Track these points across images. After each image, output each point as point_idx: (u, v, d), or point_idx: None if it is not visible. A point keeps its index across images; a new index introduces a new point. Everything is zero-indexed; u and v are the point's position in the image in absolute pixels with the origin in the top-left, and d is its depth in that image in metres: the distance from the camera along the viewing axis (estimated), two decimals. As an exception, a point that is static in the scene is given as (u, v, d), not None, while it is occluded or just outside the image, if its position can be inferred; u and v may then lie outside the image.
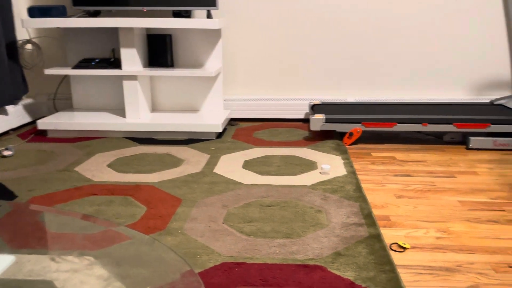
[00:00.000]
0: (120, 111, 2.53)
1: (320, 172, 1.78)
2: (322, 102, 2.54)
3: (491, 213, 1.44)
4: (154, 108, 2.55)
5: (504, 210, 1.46)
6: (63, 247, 0.71)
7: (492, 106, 2.35)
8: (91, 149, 2.10)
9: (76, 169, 1.83)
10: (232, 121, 2.54)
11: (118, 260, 0.65)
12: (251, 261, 1.15)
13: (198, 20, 2.18)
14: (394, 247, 1.23)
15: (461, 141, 2.21)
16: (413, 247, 1.23)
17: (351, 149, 2.13)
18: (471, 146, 2.10)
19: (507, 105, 2.34)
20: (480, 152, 2.07)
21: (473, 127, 2.10)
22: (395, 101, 2.58)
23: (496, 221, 1.38)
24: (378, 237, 1.26)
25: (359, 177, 1.76)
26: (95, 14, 2.38)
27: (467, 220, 1.39)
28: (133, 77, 2.30)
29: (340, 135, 2.31)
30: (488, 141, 2.09)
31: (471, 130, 2.10)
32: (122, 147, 2.12)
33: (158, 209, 1.44)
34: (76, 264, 0.62)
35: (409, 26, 2.51)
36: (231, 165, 1.87)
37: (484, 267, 1.14)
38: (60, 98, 2.69)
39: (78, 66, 2.34)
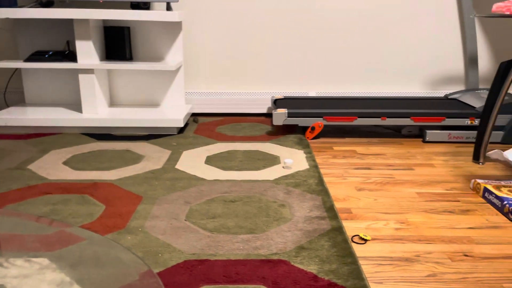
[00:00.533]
0: (76, 106, 2.45)
1: (283, 167, 1.79)
2: (285, 96, 2.54)
3: (447, 203, 1.49)
4: (112, 103, 2.48)
5: (459, 201, 1.51)
6: (13, 251, 0.66)
7: (447, 100, 2.44)
8: (45, 146, 2.02)
9: (30, 167, 1.75)
10: (193, 117, 2.50)
11: (72, 262, 0.62)
12: (215, 258, 1.13)
13: (157, 12, 2.13)
14: (356, 239, 1.25)
15: (418, 134, 2.28)
16: (373, 239, 1.26)
17: (313, 143, 2.15)
18: (427, 139, 2.17)
19: (461, 99, 2.44)
20: (435, 144, 2.14)
21: (429, 121, 2.17)
22: (356, 95, 2.62)
23: (451, 211, 1.43)
24: (340, 230, 1.28)
25: (321, 170, 1.77)
26: (48, 4, 2.26)
27: (424, 211, 1.44)
28: (89, 71, 2.22)
29: (302, 130, 2.32)
30: (443, 134, 2.17)
31: (427, 124, 2.17)
32: (79, 144, 2.06)
33: (117, 207, 1.40)
34: (27, 268, 0.58)
35: (368, 22, 2.56)
36: (193, 161, 1.85)
37: (441, 256, 1.18)
38: (11, 92, 2.56)
39: (30, 59, 2.23)
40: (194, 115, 2.62)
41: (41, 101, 2.47)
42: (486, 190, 1.52)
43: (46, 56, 2.24)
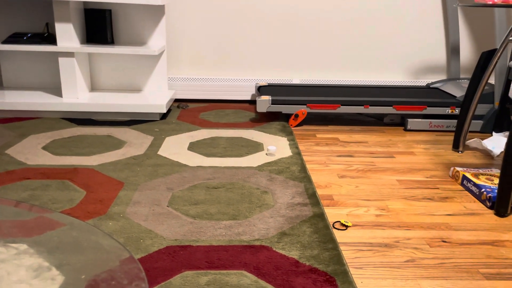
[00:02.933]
0: (56, 90, 2.39)
1: (266, 154, 1.79)
2: (269, 83, 2.54)
3: (426, 191, 1.52)
4: (93, 88, 2.44)
5: (438, 188, 1.54)
6: (-10, 236, 0.65)
7: (428, 89, 2.47)
8: (24, 130, 1.97)
9: (8, 151, 1.71)
10: (182, 104, 2.48)
11: (52, 248, 0.61)
12: (197, 244, 1.13)
13: (140, -5, 2.08)
14: (337, 225, 1.27)
15: (400, 122, 2.31)
16: (354, 225, 1.27)
17: (297, 131, 2.15)
18: (408, 127, 2.19)
19: (442, 88, 2.47)
20: (417, 133, 2.17)
21: (410, 109, 2.19)
22: (339, 83, 2.63)
23: (430, 199, 1.46)
24: (321, 216, 1.29)
25: (304, 158, 1.78)
26: (26, -16, 2.19)
27: (404, 198, 1.46)
28: (69, 54, 2.17)
29: (286, 117, 2.33)
30: (424, 123, 2.20)
31: (409, 112, 2.20)
32: (59, 129, 2.02)
33: (98, 193, 1.39)
34: (3, 253, 0.57)
35: (352, 10, 2.56)
36: (176, 147, 1.84)
37: (420, 242, 1.20)
38: (-12, 75, 2.48)
39: (7, 41, 2.16)
40: (177, 101, 2.60)
41: (20, 85, 2.41)
42: (464, 177, 1.55)
43: (25, 38, 2.17)
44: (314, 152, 1.86)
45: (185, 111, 2.43)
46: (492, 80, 2.65)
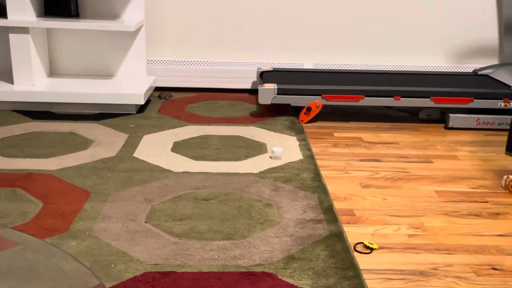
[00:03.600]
0: (6, 75, 2.40)
1: (271, 157, 1.79)
2: (274, 68, 2.54)
3: (472, 205, 1.52)
4: (53, 72, 2.45)
5: (487, 202, 1.54)
6: None
7: (475, 77, 2.47)
8: (-36, 125, 1.99)
9: None
10: (164, 93, 2.49)
11: (1, 273, 0.61)
12: (182, 270, 1.14)
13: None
14: (359, 247, 1.27)
15: (439, 118, 2.31)
16: (381, 248, 1.28)
17: (309, 128, 2.16)
18: (450, 124, 2.20)
19: (493, 75, 2.47)
20: (461, 132, 2.18)
21: (453, 102, 2.19)
22: (363, 69, 2.63)
23: (478, 215, 1.46)
24: (340, 236, 1.29)
25: (318, 162, 1.79)
26: None
27: (444, 213, 1.46)
28: (23, 30, 2.18)
29: (295, 111, 2.33)
30: (470, 119, 2.20)
31: (451, 106, 2.20)
32: (9, 123, 2.03)
33: (58, 205, 1.40)
34: None
35: (381, -24, 2.57)
36: (157, 148, 1.84)
37: (464, 269, 1.20)
38: None
39: None
40: (158, 89, 2.61)
41: (-40, 68, 2.42)
42: (520, 189, 1.55)
43: (-34, 9, 2.18)
44: (330, 156, 1.86)
45: (168, 102, 2.43)
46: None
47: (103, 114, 2.19)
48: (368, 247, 1.27)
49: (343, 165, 1.78)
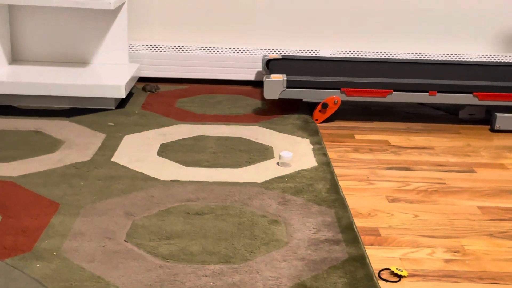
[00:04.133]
0: (-41, 61, 2.41)
1: (278, 163, 1.79)
2: (283, 56, 2.53)
3: (523, 224, 1.51)
4: (15, 59, 2.45)
5: (540, 220, 1.54)
6: None
7: (527, 69, 2.46)
8: None
9: None
10: (149, 85, 2.48)
11: None
12: (170, 299, 1.13)
13: None
14: (385, 274, 1.26)
15: (484, 119, 2.30)
16: (412, 275, 1.27)
17: (325, 129, 2.15)
18: (497, 126, 2.19)
19: (549, 68, 2.46)
20: (509, 135, 2.17)
21: (500, 99, 2.18)
22: (391, 58, 2.63)
23: (529, 236, 1.45)
24: (362, 261, 1.29)
25: (336, 170, 1.78)
26: None
27: (489, 234, 1.45)
28: (-20, 7, 2.18)
29: (308, 107, 2.33)
30: (521, 120, 2.20)
31: (498, 103, 2.19)
32: (-38, 120, 2.04)
33: (20, 219, 1.39)
34: None
35: None
36: (140, 151, 1.84)
37: (512, 302, 1.19)
38: None
39: None
40: (143, 80, 2.61)
41: None
42: None
43: None
44: (351, 162, 1.85)
45: (155, 96, 2.43)
46: None
47: (76, 110, 2.19)
48: (396, 274, 1.26)
49: (366, 174, 1.77)
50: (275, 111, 2.29)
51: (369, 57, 2.62)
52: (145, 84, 2.53)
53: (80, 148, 1.84)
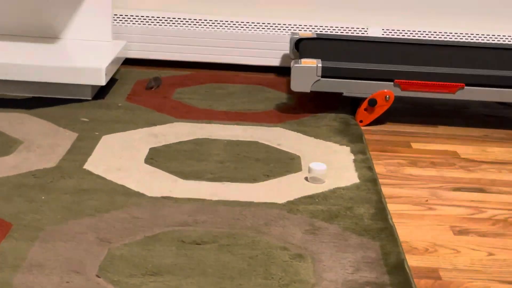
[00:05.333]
0: None
1: (307, 178, 1.78)
2: (318, 35, 2.53)
3: None
4: (-37, 31, 2.47)
5: None
6: None
7: None
8: None
9: None
10: (155, 80, 2.45)
11: None
12: None
13: None
14: (447, 332, 1.25)
15: None
16: (483, 334, 1.25)
17: (372, 134, 2.14)
18: None
19: None
20: None
21: None
22: (463, 41, 2.61)
23: None
24: (415, 313, 1.27)
25: (385, 190, 1.77)
26: None
27: None
28: None
29: (350, 104, 2.32)
30: None
31: None
32: None
33: (-40, 243, 1.40)
34: None
35: None
36: (123, 157, 1.85)
37: None
38: None
39: None
40: (130, 62, 2.61)
41: None
42: None
43: None
44: (405, 180, 1.84)
45: (145, 83, 2.43)
46: None
47: (39, 100, 2.21)
48: (461, 333, 1.25)
49: (425, 195, 1.76)
50: (305, 108, 2.28)
51: (434, 39, 2.60)
52: (153, 79, 2.48)
53: (42, 150, 1.85)
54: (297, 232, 1.52)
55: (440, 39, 2.60)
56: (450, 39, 2.61)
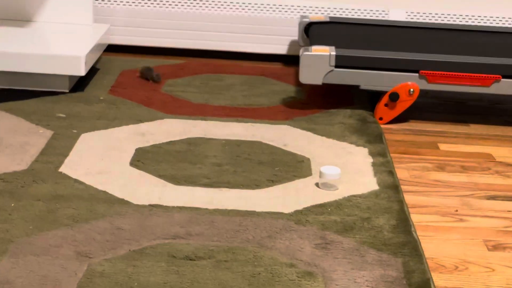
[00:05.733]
0: None
1: (318, 184, 1.79)
2: (331, 18, 2.54)
3: None
4: None
5: None
6: None
7: None
8: None
9: None
10: (150, 71, 2.45)
11: None
12: None
13: None
14: None
15: None
16: None
17: (393, 133, 2.15)
18: None
19: None
20: None
21: None
22: (500, 25, 2.62)
23: None
24: None
25: (408, 198, 1.77)
26: None
27: None
28: None
29: (369, 99, 2.33)
30: None
31: None
32: None
33: None
34: None
35: None
36: (105, 159, 1.85)
37: None
38: None
39: None
40: (115, 50, 2.61)
41: None
42: None
43: None
44: (431, 186, 1.85)
45: (133, 77, 2.43)
46: None
47: (9, 92, 2.22)
48: None
49: (454, 205, 1.76)
50: (316, 103, 2.29)
51: (466, 24, 2.60)
52: (142, 68, 2.49)
53: (12, 150, 1.85)
54: (306, 247, 1.52)
55: (473, 24, 2.60)
56: (485, 24, 2.61)
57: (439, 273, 1.49)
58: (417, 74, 2.16)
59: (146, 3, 2.59)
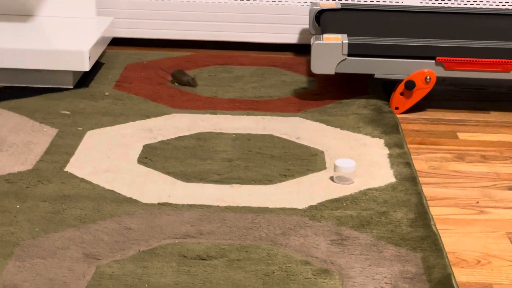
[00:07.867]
0: None
1: (333, 178, 1.79)
2: (343, 5, 2.53)
3: None
4: None
5: None
6: None
7: None
8: None
9: None
10: (184, 74, 2.43)
11: None
12: None
13: None
14: None
15: None
16: None
17: (410, 123, 2.14)
18: None
19: None
20: None
21: None
22: (519, 8, 2.61)
23: None
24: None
25: (426, 190, 1.76)
26: None
27: None
28: None
29: (384, 88, 2.32)
30: None
31: None
32: None
33: None
34: None
35: None
36: (112, 156, 1.85)
37: None
38: None
39: None
40: (120, 43, 2.61)
41: None
42: None
43: None
44: (451, 178, 1.84)
45: (138, 68, 2.43)
46: None
47: (12, 90, 2.22)
48: None
49: (475, 196, 1.76)
50: (329, 93, 2.28)
51: (484, 7, 2.59)
52: (174, 71, 2.45)
53: (16, 150, 1.86)
54: (322, 243, 1.52)
55: (491, 7, 2.59)
56: (504, 7, 2.60)
57: (460, 268, 1.48)
58: (433, 61, 2.15)
59: (150, -5, 2.60)
